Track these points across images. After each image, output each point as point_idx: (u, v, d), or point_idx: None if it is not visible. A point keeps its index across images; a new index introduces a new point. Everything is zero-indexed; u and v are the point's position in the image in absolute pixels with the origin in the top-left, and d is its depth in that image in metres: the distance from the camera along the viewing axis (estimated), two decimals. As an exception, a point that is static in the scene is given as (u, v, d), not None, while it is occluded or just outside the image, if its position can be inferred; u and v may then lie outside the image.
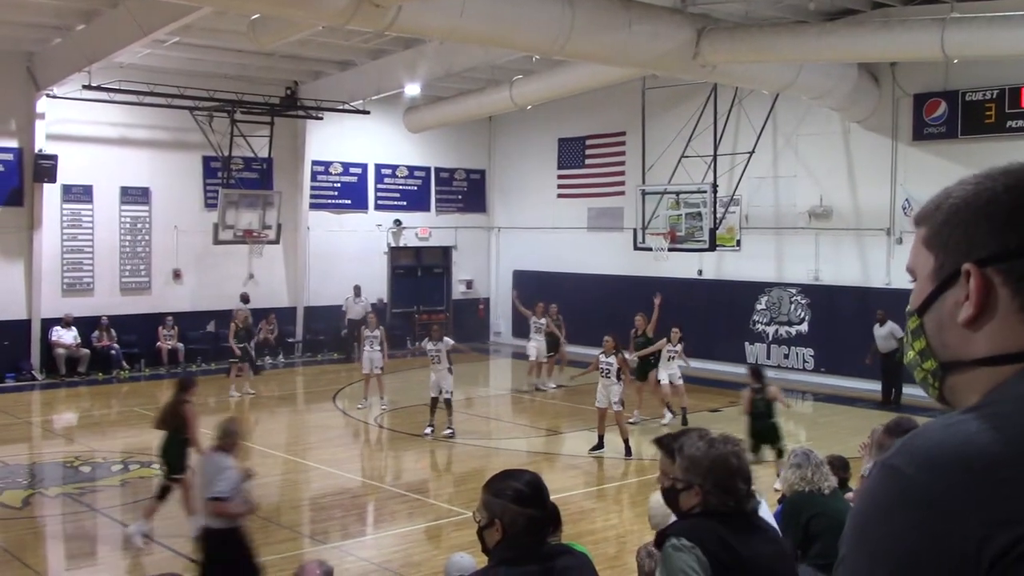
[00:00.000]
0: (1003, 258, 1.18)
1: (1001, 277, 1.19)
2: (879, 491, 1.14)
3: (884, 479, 1.14)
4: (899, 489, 1.11)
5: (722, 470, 3.42)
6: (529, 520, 3.42)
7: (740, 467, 3.47)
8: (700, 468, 3.46)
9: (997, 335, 1.19)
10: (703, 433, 3.66)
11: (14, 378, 20.96)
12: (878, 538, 1.12)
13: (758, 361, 21.59)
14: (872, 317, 18.54)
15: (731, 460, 3.47)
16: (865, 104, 19.86)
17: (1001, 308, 1.19)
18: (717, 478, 3.41)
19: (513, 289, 21.87)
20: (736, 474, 3.44)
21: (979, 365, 1.20)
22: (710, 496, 3.44)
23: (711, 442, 3.55)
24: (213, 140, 22.69)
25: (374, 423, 17.63)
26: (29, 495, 12.46)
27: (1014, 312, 1.18)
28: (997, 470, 1.07)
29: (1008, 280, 1.18)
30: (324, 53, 21.94)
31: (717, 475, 3.42)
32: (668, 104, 22.20)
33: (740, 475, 3.45)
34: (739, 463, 3.48)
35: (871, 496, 1.16)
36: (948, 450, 1.10)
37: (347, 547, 10.43)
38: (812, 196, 21.06)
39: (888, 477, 1.14)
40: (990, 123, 18.24)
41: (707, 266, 22.82)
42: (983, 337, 1.20)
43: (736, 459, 3.49)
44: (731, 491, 3.41)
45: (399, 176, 26.98)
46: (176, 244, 23.23)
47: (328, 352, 25.07)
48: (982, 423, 1.11)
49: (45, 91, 20.77)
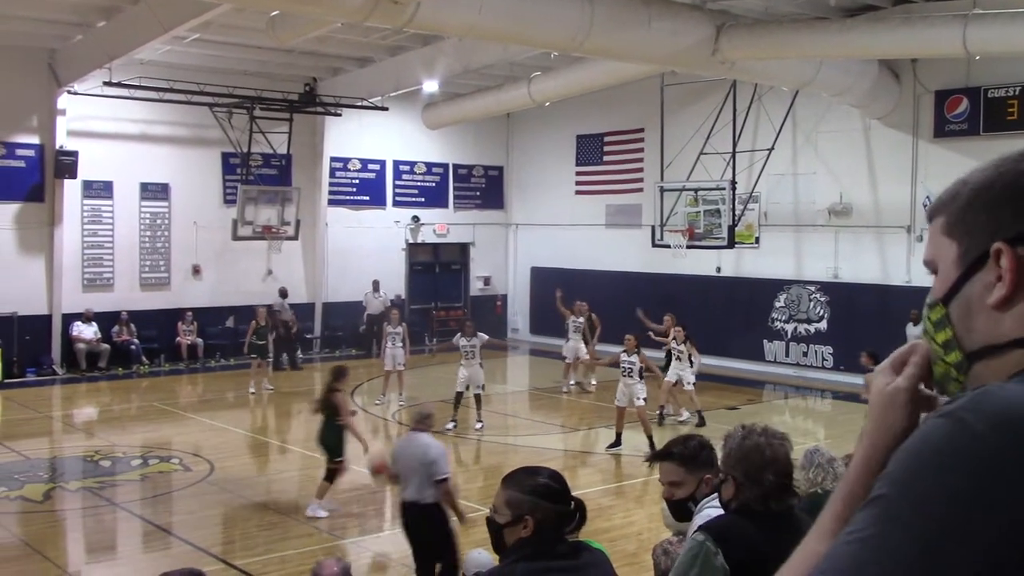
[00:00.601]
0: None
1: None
2: (941, 440, 1.09)
3: (949, 429, 1.09)
4: (965, 444, 1.07)
5: (752, 461, 3.38)
6: (559, 516, 3.43)
7: (773, 459, 3.40)
8: (732, 459, 3.44)
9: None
10: (746, 425, 3.60)
11: (35, 373, 21.12)
12: (929, 489, 1.07)
13: (776, 359, 21.56)
14: (892, 315, 18.42)
15: (764, 451, 3.41)
16: (886, 101, 19.75)
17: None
18: (747, 469, 3.38)
19: (558, 289, 21.67)
20: (766, 466, 3.38)
21: (1013, 347, 1.18)
22: (743, 488, 3.40)
23: (747, 434, 3.51)
24: (232, 136, 22.76)
25: (392, 419, 17.66)
26: (50, 489, 12.55)
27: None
28: None
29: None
30: (343, 50, 21.99)
31: (747, 466, 3.38)
32: (687, 101, 22.13)
33: (771, 467, 3.38)
34: (772, 455, 3.40)
35: (931, 443, 1.10)
36: (1022, 414, 1.07)
37: (365, 543, 10.45)
38: (832, 193, 20.96)
39: (954, 428, 1.09)
40: (1012, 120, 18.10)
41: (726, 263, 22.76)
42: (1012, 318, 1.18)
43: (769, 451, 3.42)
44: (759, 483, 3.36)
45: (417, 172, 27.01)
46: (195, 240, 23.33)
47: (346, 348, 25.13)
48: None
49: (66, 88, 20.90)
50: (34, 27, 19.51)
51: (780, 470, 3.37)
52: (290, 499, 12.47)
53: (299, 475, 13.96)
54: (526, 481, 3.52)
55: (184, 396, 20.21)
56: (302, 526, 11.10)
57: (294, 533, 10.74)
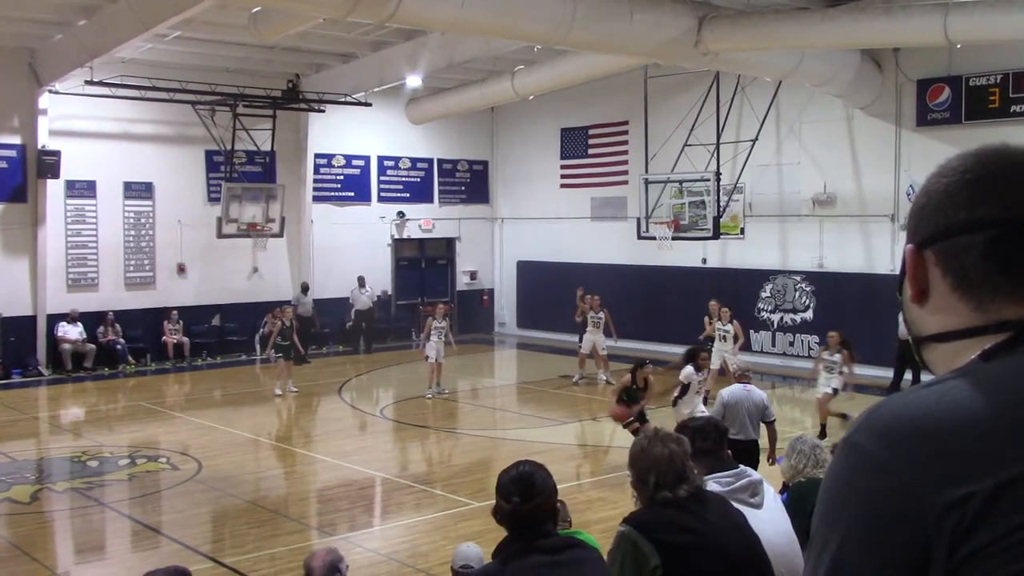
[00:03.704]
0: (934, 240, 1.26)
1: (935, 258, 1.26)
2: (842, 467, 1.18)
3: (846, 455, 1.19)
4: (859, 463, 1.16)
5: (638, 467, 3.70)
6: (512, 512, 3.43)
7: (655, 463, 3.66)
8: (629, 462, 3.78)
9: (939, 313, 1.26)
10: (647, 432, 3.93)
11: (20, 374, 21.02)
12: (842, 512, 1.16)
13: (763, 349, 21.63)
14: (877, 304, 18.52)
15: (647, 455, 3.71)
16: (868, 90, 19.81)
17: (937, 287, 1.26)
18: (638, 473, 3.70)
19: (580, 288, 21.68)
20: (649, 470, 3.66)
21: (931, 341, 1.29)
22: (637, 488, 3.74)
23: (639, 439, 3.84)
24: (215, 134, 22.67)
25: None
26: (37, 490, 12.50)
27: (948, 291, 1.25)
28: (949, 440, 1.11)
29: (939, 260, 1.26)
30: (325, 45, 21.93)
31: (637, 471, 3.70)
32: (670, 93, 22.16)
33: (654, 470, 3.65)
34: (653, 458, 3.67)
35: (835, 472, 1.20)
36: (905, 422, 1.15)
37: (355, 538, 10.46)
38: (816, 183, 21.02)
39: (850, 453, 1.18)
40: (994, 108, 18.19)
41: (711, 255, 22.81)
42: (930, 315, 1.28)
43: (652, 454, 3.69)
44: (646, 484, 3.67)
45: (402, 168, 26.97)
46: (180, 239, 23.24)
47: (333, 344, 25.10)
48: (939, 396, 1.15)
49: (47, 87, 20.79)
50: (14, 26, 19.38)
51: (662, 471, 3.62)
52: (279, 496, 12.46)
53: (288, 472, 13.96)
54: (500, 478, 3.56)
55: (171, 395, 20.15)
56: (291, 523, 11.10)
57: (283, 530, 10.73)
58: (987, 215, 1.22)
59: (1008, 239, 1.21)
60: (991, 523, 1.06)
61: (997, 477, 1.07)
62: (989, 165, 1.26)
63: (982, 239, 1.21)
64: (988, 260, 1.21)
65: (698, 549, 3.49)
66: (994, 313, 1.21)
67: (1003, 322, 1.20)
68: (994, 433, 1.10)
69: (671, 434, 3.83)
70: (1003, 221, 1.21)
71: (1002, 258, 1.21)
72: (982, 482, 1.07)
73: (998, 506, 1.06)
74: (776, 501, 4.40)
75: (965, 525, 1.07)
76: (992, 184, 1.24)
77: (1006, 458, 1.08)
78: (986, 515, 1.06)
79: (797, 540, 4.18)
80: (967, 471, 1.08)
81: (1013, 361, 1.17)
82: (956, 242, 1.23)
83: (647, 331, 22.91)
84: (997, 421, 1.11)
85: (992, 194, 1.23)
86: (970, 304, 1.22)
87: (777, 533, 4.02)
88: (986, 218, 1.22)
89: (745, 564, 3.57)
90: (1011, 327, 1.20)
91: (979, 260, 1.21)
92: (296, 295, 23.76)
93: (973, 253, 1.22)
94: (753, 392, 9.81)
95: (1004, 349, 1.19)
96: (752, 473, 4.27)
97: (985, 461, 1.08)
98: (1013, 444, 1.09)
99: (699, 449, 3.99)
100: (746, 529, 3.68)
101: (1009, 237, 1.21)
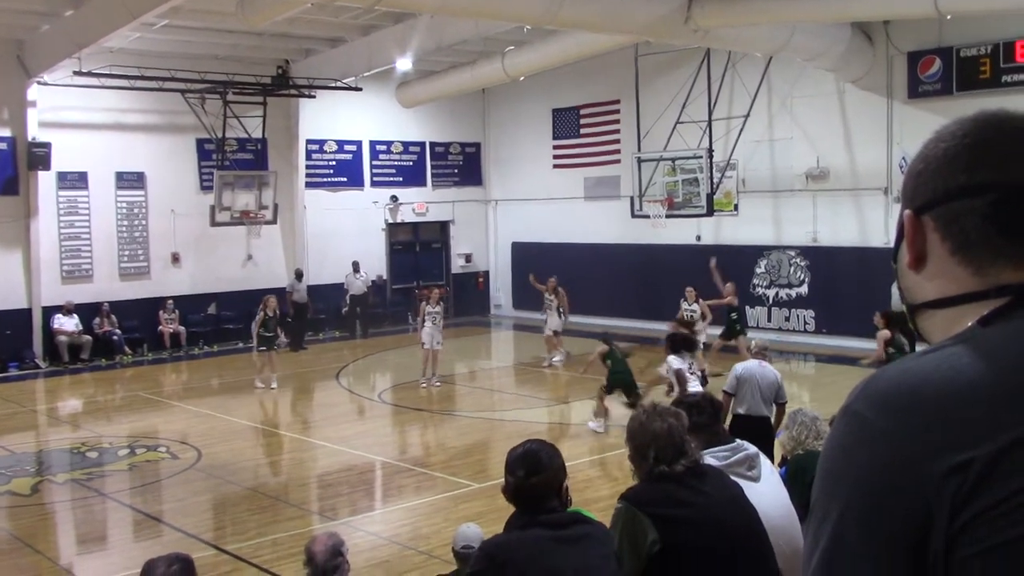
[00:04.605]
0: (933, 205, 1.25)
1: (933, 223, 1.25)
2: (841, 436, 1.18)
3: (845, 424, 1.18)
4: (858, 433, 1.16)
5: (637, 440, 3.72)
6: (517, 486, 3.53)
7: (653, 437, 3.68)
8: (627, 437, 3.80)
9: (938, 279, 1.26)
10: (645, 406, 3.96)
11: (17, 367, 21.00)
12: (842, 481, 1.15)
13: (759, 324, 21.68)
14: (872, 277, 18.53)
15: (645, 430, 3.72)
16: (859, 64, 19.78)
17: (936, 253, 1.26)
18: (636, 447, 3.73)
19: (531, 274, 21.71)
20: (648, 444, 3.68)
21: (928, 308, 1.28)
22: (635, 462, 3.76)
23: (637, 414, 3.85)
24: (206, 122, 22.60)
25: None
26: (37, 482, 12.51)
27: (947, 256, 1.24)
28: (948, 407, 1.11)
29: (938, 225, 1.25)
30: (314, 30, 21.83)
31: (635, 444, 3.73)
32: (661, 71, 22.12)
33: (653, 444, 3.67)
34: (652, 432, 3.69)
35: (835, 442, 1.19)
36: (903, 390, 1.14)
37: (356, 522, 10.49)
38: (809, 158, 21.02)
39: (850, 422, 1.18)
40: (985, 79, 18.18)
41: (705, 232, 22.81)
42: (927, 281, 1.28)
43: (650, 428, 3.71)
44: (645, 458, 3.69)
45: (394, 152, 26.91)
46: (173, 228, 23.20)
47: (329, 330, 25.11)
48: (937, 363, 1.15)
49: (36, 78, 20.69)
50: (1, 18, 19.26)
51: (660, 445, 3.63)
52: (279, 482, 12.49)
53: (287, 459, 13.98)
54: (508, 455, 3.64)
55: (168, 384, 20.16)
56: (292, 509, 11.13)
57: (284, 516, 10.76)
58: (988, 178, 1.22)
59: (1010, 202, 1.20)
60: (991, 488, 1.06)
61: (997, 442, 1.07)
62: (988, 129, 1.26)
63: (983, 202, 1.21)
64: (990, 223, 1.20)
65: (696, 523, 3.51)
66: (993, 278, 1.21)
67: (1002, 286, 1.20)
68: (993, 399, 1.10)
69: (669, 408, 3.84)
70: (1005, 184, 1.21)
71: (1004, 221, 1.20)
72: (982, 448, 1.07)
73: (998, 471, 1.06)
74: (773, 474, 4.43)
75: (965, 491, 1.07)
76: (992, 148, 1.24)
77: (1006, 423, 1.08)
78: (986, 480, 1.07)
79: (795, 512, 4.20)
80: (967, 437, 1.08)
81: (1012, 326, 1.17)
82: (956, 206, 1.23)
83: (642, 309, 22.94)
84: (996, 387, 1.11)
85: (993, 157, 1.23)
86: (969, 269, 1.22)
87: (775, 506, 4.04)
88: (987, 181, 1.21)
89: (743, 537, 3.59)
90: (1010, 291, 1.19)
91: (980, 224, 1.21)
92: (291, 282, 23.76)
93: (974, 217, 1.21)
94: (767, 370, 9.84)
95: (1002, 314, 1.19)
96: (748, 447, 4.29)
97: (985, 427, 1.08)
98: (1012, 409, 1.09)
99: (695, 423, 4.01)
100: (744, 502, 3.70)
101: (1011, 200, 1.21)
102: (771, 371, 9.88)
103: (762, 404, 9.65)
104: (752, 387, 9.63)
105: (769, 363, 10.07)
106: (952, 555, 1.08)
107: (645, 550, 3.46)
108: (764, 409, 9.65)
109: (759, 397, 9.65)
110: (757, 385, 9.65)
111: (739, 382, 9.64)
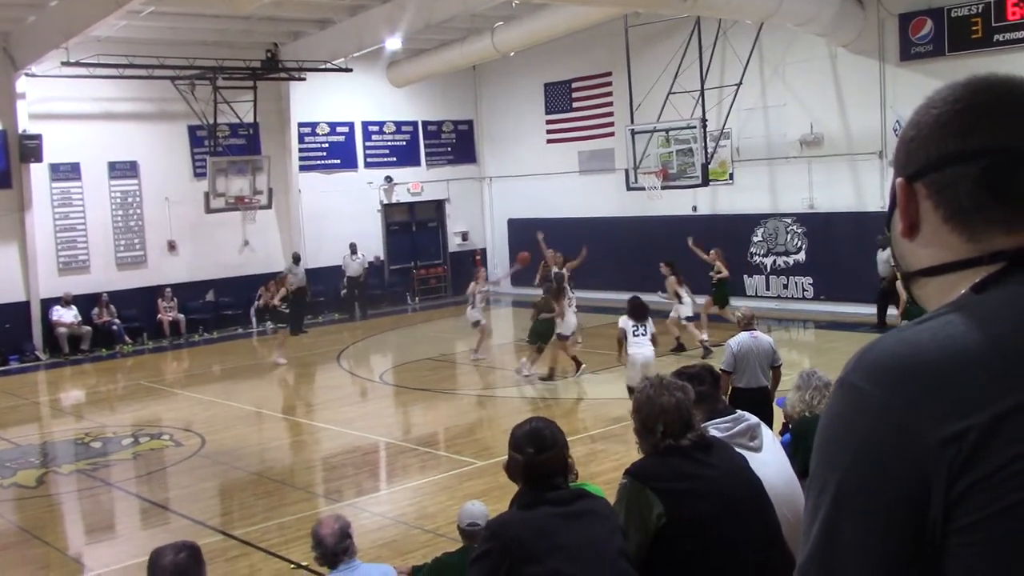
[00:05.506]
0: (925, 172, 1.25)
1: (926, 190, 1.25)
2: (838, 407, 1.18)
3: (842, 395, 1.18)
4: (855, 403, 1.15)
5: (644, 413, 3.68)
6: (525, 464, 3.54)
7: (661, 411, 3.64)
8: (633, 410, 3.76)
9: (931, 246, 1.25)
10: (651, 379, 3.89)
11: (18, 360, 21.02)
12: (840, 453, 1.15)
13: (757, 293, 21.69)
14: (869, 242, 18.55)
15: (653, 404, 3.68)
16: (850, 27, 19.68)
17: (929, 220, 1.25)
18: (643, 420, 3.68)
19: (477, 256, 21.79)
20: (657, 417, 3.65)
21: (922, 276, 1.28)
22: (641, 436, 3.72)
23: (644, 387, 3.80)
24: (197, 109, 22.51)
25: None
26: (43, 474, 12.55)
27: (940, 223, 1.24)
28: (944, 376, 1.11)
29: (931, 193, 1.24)
30: (302, 13, 21.72)
31: (642, 417, 3.69)
32: (652, 41, 22.01)
33: (661, 418, 3.64)
34: (660, 406, 3.65)
35: (832, 413, 1.19)
36: (898, 360, 1.14)
37: (361, 503, 10.53)
38: (803, 124, 20.96)
39: (846, 393, 1.18)
40: (977, 38, 18.09)
41: (701, 202, 22.78)
42: (921, 249, 1.27)
43: (658, 402, 3.67)
44: (652, 432, 3.65)
45: (387, 132, 26.83)
46: (168, 216, 23.16)
47: (329, 312, 25.11)
48: (932, 331, 1.15)
49: (24, 70, 20.58)
50: (-15, 11, 19.17)
51: (669, 420, 3.61)
52: (284, 466, 12.53)
53: (291, 442, 14.01)
54: (513, 432, 3.65)
55: (170, 372, 20.18)
56: (298, 492, 11.17)
57: (290, 499, 10.80)
58: (981, 144, 1.21)
59: (1003, 167, 1.20)
60: (988, 456, 1.06)
61: (993, 410, 1.07)
62: (980, 94, 1.24)
63: (976, 168, 1.20)
64: (984, 189, 1.20)
65: (702, 495, 3.51)
66: (987, 244, 1.20)
67: (996, 252, 1.19)
68: (989, 366, 1.09)
69: (675, 382, 3.81)
70: (998, 149, 1.20)
71: (996, 186, 1.19)
72: (978, 415, 1.07)
73: (995, 438, 1.06)
74: (775, 443, 4.44)
75: (962, 459, 1.07)
76: (985, 113, 1.23)
77: (1002, 391, 1.08)
78: (983, 448, 1.06)
79: (798, 480, 4.22)
80: (963, 405, 1.08)
81: (1006, 292, 1.17)
82: (949, 173, 1.22)
83: (640, 282, 22.87)
84: (992, 354, 1.10)
85: (985, 123, 1.22)
86: (963, 236, 1.22)
87: (778, 475, 4.05)
88: (980, 147, 1.20)
89: (749, 508, 3.60)
90: (1004, 257, 1.19)
91: (974, 189, 1.20)
92: (288, 265, 23.73)
93: (967, 183, 1.21)
94: (760, 339, 9.86)
95: (997, 280, 1.18)
96: (750, 417, 4.29)
97: (981, 394, 1.08)
98: (1008, 376, 1.09)
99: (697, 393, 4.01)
100: (749, 473, 3.71)
101: (1004, 165, 1.20)
102: (764, 339, 9.88)
103: (760, 375, 9.65)
104: (750, 361, 9.60)
105: (759, 331, 10.08)
106: (950, 524, 1.08)
107: (651, 525, 3.46)
108: (763, 379, 9.65)
109: (758, 370, 9.65)
110: (755, 358, 9.64)
111: (736, 359, 9.59)
